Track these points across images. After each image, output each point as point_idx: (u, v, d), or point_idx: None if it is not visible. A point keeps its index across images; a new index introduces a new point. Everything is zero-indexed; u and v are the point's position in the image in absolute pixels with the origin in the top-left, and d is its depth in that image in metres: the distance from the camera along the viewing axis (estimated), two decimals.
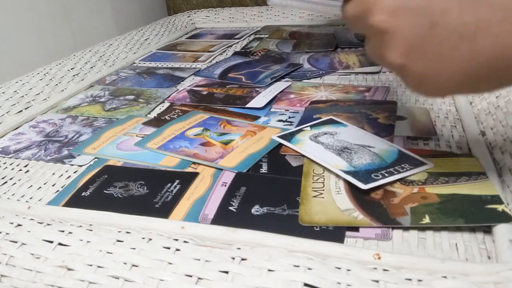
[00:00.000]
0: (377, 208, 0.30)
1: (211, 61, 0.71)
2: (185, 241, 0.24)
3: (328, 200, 0.31)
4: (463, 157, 0.35)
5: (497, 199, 0.29)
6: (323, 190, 0.33)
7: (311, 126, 0.42)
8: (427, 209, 0.29)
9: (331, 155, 0.37)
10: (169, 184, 0.35)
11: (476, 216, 0.28)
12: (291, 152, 0.38)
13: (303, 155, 0.37)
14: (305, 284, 0.20)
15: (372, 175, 0.33)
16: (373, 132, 0.40)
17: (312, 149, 0.38)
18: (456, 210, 0.29)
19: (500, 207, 0.28)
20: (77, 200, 0.34)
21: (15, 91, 0.55)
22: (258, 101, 0.51)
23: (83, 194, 0.35)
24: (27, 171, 0.40)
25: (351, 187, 0.32)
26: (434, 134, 0.40)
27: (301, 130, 0.42)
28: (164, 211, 0.32)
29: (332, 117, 0.44)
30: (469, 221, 0.28)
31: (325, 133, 0.40)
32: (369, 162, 0.35)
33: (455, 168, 0.33)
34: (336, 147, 0.38)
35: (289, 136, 0.41)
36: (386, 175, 0.33)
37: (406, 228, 0.28)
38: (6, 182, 0.39)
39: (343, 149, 0.37)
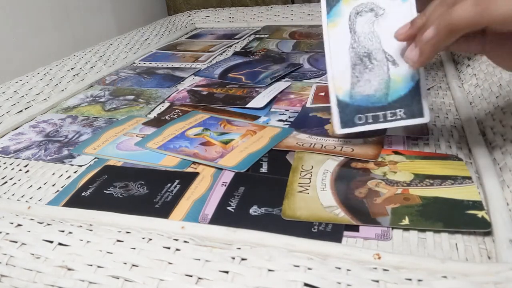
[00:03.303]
0: (359, 207, 0.30)
1: (211, 61, 0.71)
2: (185, 241, 0.24)
3: (312, 196, 0.32)
4: (451, 160, 0.35)
5: (478, 205, 0.29)
6: (309, 186, 0.33)
7: None
8: (407, 211, 0.29)
9: (346, 63, 0.32)
10: (169, 184, 0.35)
11: (455, 221, 0.28)
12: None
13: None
14: (305, 284, 0.20)
15: (357, 116, 0.31)
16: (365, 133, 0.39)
17: (337, 41, 0.32)
18: (436, 214, 0.29)
19: (480, 213, 0.28)
20: (77, 200, 0.34)
21: (15, 91, 0.55)
22: (258, 101, 0.51)
23: (83, 194, 0.35)
24: (27, 171, 0.40)
25: (336, 185, 0.32)
26: (426, 134, 0.40)
27: None
28: (164, 211, 0.32)
29: None
30: (447, 225, 0.28)
31: (372, 9, 0.32)
32: (369, 94, 0.32)
33: (442, 171, 0.33)
34: (359, 52, 0.32)
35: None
36: (370, 121, 0.31)
37: (405, 228, 0.28)
38: (6, 182, 0.39)
39: (363, 57, 0.32)
